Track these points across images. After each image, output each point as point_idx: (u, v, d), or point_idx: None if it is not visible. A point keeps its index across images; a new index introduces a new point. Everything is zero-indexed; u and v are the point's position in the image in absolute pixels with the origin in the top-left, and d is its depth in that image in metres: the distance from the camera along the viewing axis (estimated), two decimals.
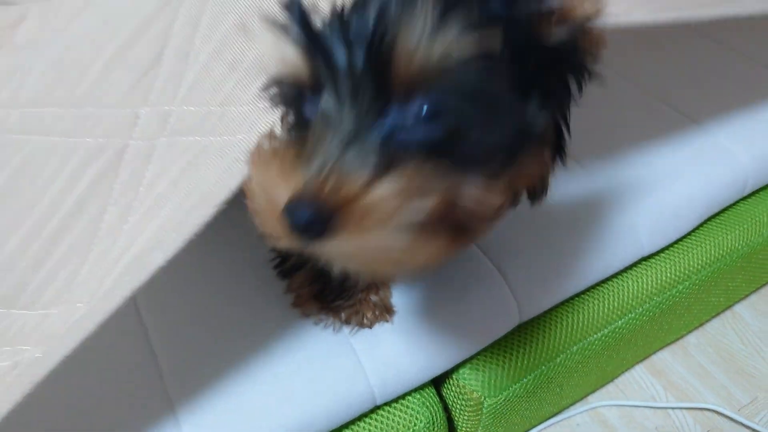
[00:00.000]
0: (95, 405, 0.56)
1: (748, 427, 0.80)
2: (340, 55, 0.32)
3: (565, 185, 0.75)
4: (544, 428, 0.81)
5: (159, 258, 0.42)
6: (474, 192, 0.34)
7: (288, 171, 0.32)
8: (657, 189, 0.76)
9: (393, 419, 0.64)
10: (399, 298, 0.65)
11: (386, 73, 0.32)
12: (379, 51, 0.31)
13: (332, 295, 0.61)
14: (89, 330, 0.42)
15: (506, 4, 0.33)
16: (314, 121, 0.33)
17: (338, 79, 0.32)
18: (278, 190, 0.32)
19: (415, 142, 0.33)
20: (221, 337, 0.61)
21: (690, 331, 0.92)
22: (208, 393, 0.57)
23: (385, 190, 0.31)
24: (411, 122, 0.32)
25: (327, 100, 0.33)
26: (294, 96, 0.37)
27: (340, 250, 0.32)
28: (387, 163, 0.32)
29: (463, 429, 0.72)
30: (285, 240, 0.32)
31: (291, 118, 0.39)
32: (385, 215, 0.31)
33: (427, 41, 0.31)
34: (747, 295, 0.96)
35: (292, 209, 0.31)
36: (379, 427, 0.63)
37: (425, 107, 0.32)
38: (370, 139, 0.32)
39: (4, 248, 0.51)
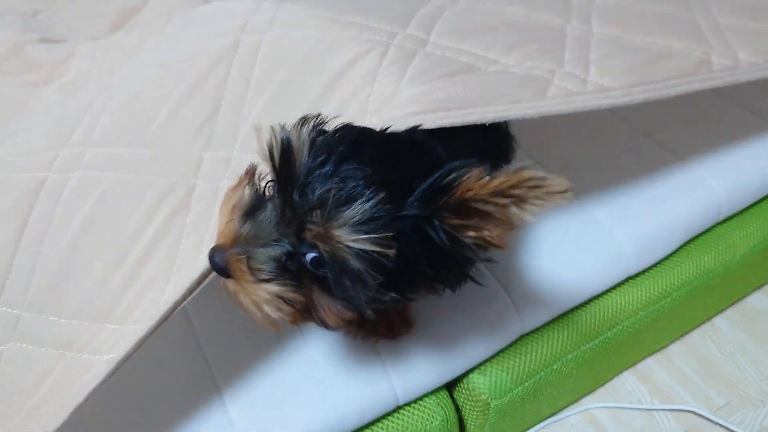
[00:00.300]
0: (155, 393, 0.63)
1: (723, 427, 0.85)
2: (294, 196, 0.44)
3: (562, 213, 0.80)
4: (543, 427, 0.85)
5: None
6: (325, 311, 0.47)
7: (231, 225, 0.46)
8: (642, 215, 0.81)
9: (413, 417, 0.69)
10: (418, 313, 0.71)
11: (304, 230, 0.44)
12: (303, 219, 0.43)
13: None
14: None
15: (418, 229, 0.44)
16: (259, 216, 0.46)
17: (284, 207, 0.44)
18: (221, 230, 0.47)
19: (303, 268, 0.46)
20: (265, 342, 0.67)
21: (672, 341, 0.95)
22: (256, 396, 0.64)
23: (263, 288, 0.45)
24: (306, 258, 0.44)
25: (271, 213, 0.46)
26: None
27: (230, 291, 0.47)
28: (278, 269, 0.46)
29: (472, 427, 0.76)
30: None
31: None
32: (257, 299, 0.46)
33: (336, 231, 0.42)
34: (724, 309, 0.99)
35: (213, 250, 0.46)
36: (401, 424, 0.69)
37: (313, 257, 0.44)
38: (279, 250, 0.45)
39: (92, 272, 0.58)
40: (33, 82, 1.01)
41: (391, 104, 0.56)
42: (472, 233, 0.44)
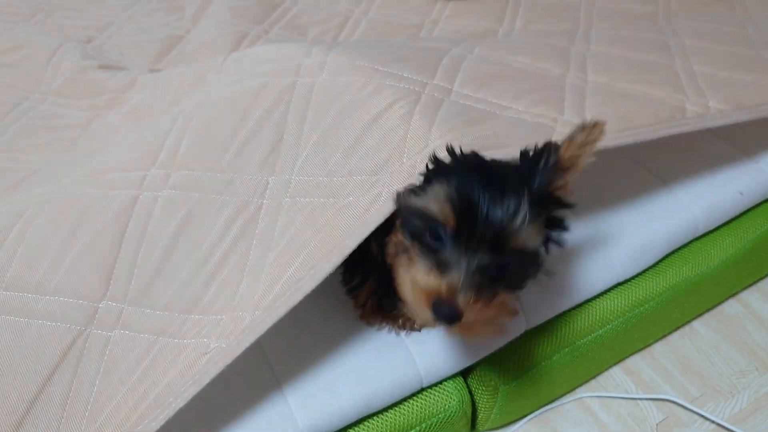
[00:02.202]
0: (225, 389, 0.71)
1: (698, 414, 0.93)
2: (481, 228, 0.55)
3: None
4: (541, 413, 0.93)
5: (308, 286, 0.64)
6: (512, 302, 0.59)
7: (434, 278, 0.55)
8: (630, 230, 0.90)
9: (434, 398, 0.80)
10: None
11: (500, 245, 0.55)
12: (501, 236, 0.55)
13: (389, 307, 0.79)
14: (262, 332, 0.63)
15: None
16: (447, 253, 0.56)
17: (476, 240, 0.55)
18: (429, 289, 0.55)
19: (497, 279, 0.57)
20: (313, 339, 0.78)
21: (656, 340, 1.02)
22: (306, 377, 0.75)
23: (487, 310, 0.55)
24: (499, 267, 0.57)
25: (461, 243, 0.56)
26: (422, 230, 0.58)
27: (457, 332, 0.57)
28: (490, 292, 0.56)
29: (483, 408, 0.86)
30: (427, 317, 0.56)
31: (412, 241, 0.59)
32: (485, 320, 0.56)
33: (520, 237, 0.55)
34: (701, 314, 1.06)
35: (439, 305, 0.55)
36: (424, 403, 0.79)
37: (504, 263, 0.56)
38: (482, 275, 0.55)
39: (182, 273, 0.71)
40: (96, 105, 1.14)
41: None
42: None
